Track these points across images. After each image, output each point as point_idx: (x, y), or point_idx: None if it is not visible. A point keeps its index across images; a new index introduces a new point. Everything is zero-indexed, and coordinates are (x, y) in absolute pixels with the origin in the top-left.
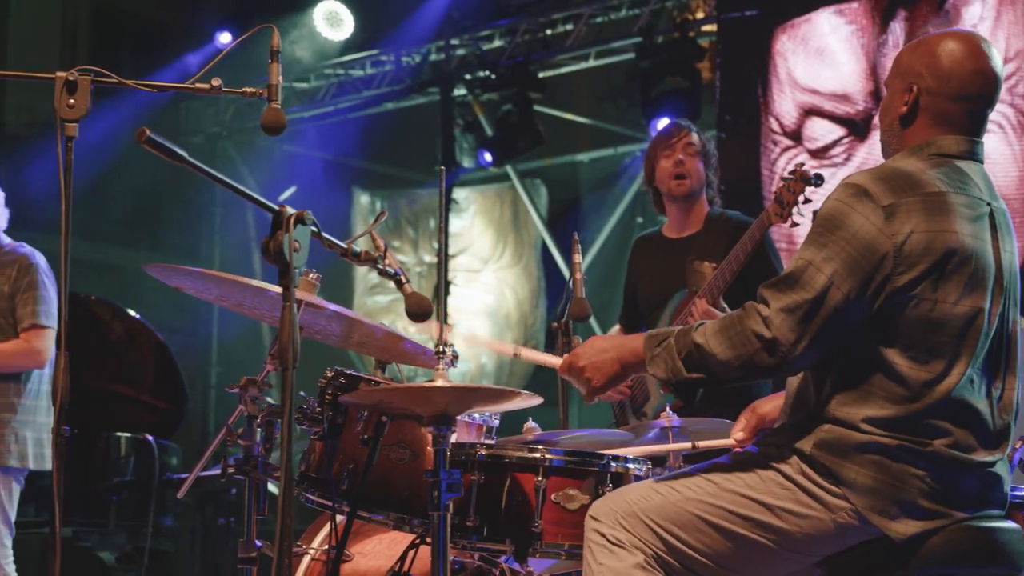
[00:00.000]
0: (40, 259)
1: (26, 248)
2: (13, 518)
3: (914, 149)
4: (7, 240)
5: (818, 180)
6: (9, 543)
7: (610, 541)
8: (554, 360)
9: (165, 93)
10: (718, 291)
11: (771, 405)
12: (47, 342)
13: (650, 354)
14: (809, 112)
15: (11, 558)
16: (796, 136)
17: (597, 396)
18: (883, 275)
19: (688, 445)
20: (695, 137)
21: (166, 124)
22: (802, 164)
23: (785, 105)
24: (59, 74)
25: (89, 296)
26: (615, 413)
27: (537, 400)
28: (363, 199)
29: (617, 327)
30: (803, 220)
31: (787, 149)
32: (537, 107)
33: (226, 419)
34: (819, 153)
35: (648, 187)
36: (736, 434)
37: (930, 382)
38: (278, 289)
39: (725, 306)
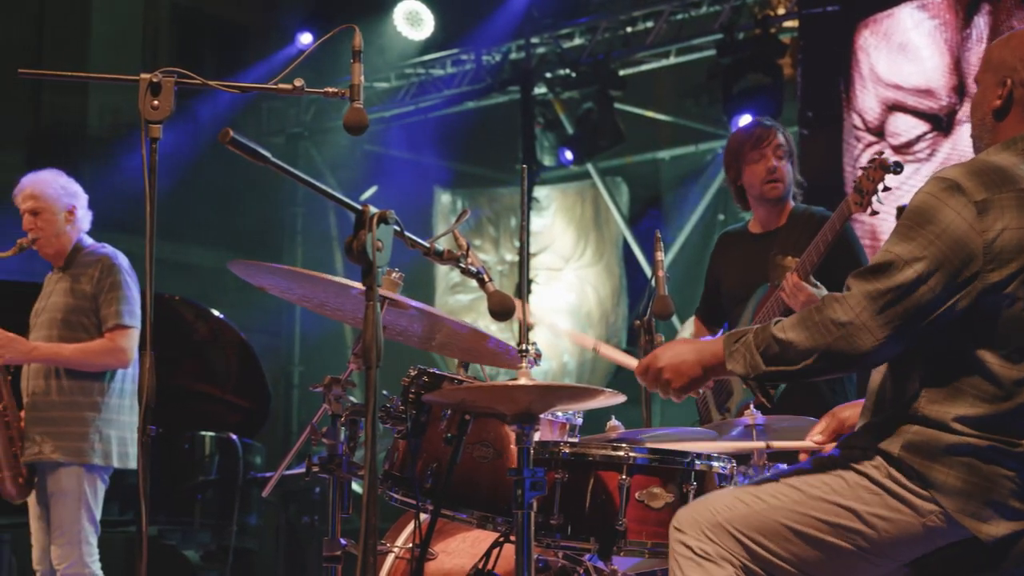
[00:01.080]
0: (122, 259)
1: (108, 249)
2: (98, 516)
3: (1008, 143)
4: (89, 241)
5: (897, 168)
6: (94, 541)
7: (697, 554)
8: (630, 361)
9: (247, 94)
10: (805, 274)
11: (852, 411)
12: (131, 341)
13: (729, 350)
14: (892, 108)
15: (96, 556)
16: (879, 132)
17: (678, 398)
18: (972, 272)
19: (762, 445)
20: (782, 138)
21: (248, 125)
22: (881, 152)
23: (868, 101)
24: (143, 76)
25: (173, 296)
26: (699, 410)
27: (620, 398)
28: (444, 198)
29: (692, 319)
30: (882, 208)
31: (870, 145)
32: (618, 105)
33: (309, 418)
34: (902, 149)
35: (731, 185)
36: (814, 436)
37: (1022, 381)
38: (361, 287)
39: (816, 282)
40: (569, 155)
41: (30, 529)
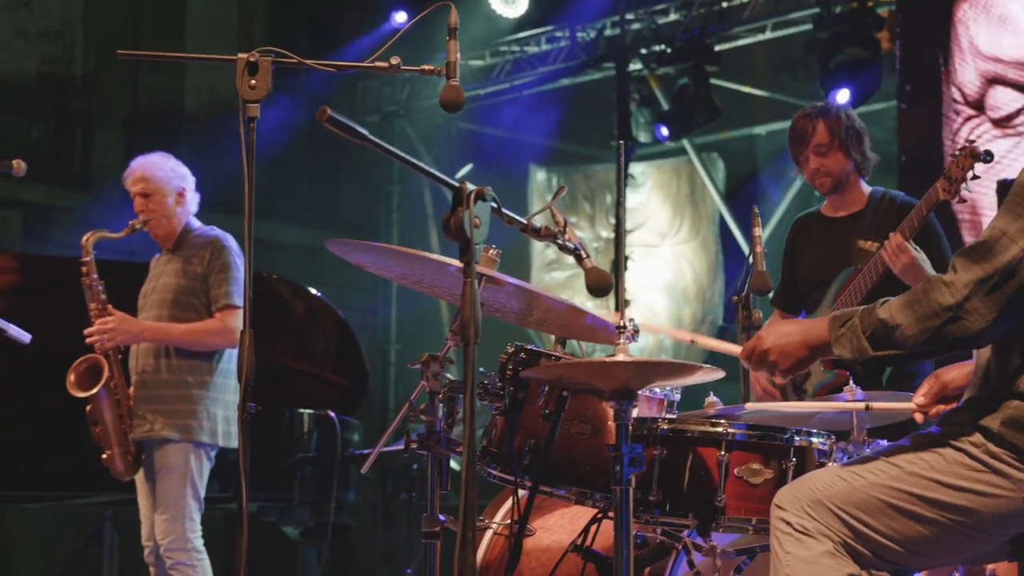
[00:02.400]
0: (231, 241)
1: (217, 231)
2: (203, 494)
3: None
4: (197, 223)
5: (987, 157)
6: (198, 518)
7: (796, 529)
8: (733, 348)
9: (342, 73)
10: (907, 236)
11: (955, 373)
12: (240, 321)
13: (835, 335)
14: (992, 81)
15: (199, 532)
16: (979, 105)
17: (783, 379)
18: None
19: (862, 406)
20: (823, 133)
21: (343, 104)
22: (972, 141)
23: (967, 74)
24: (240, 56)
25: (271, 275)
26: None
27: (718, 374)
28: (539, 175)
29: (774, 313)
30: (971, 196)
31: (969, 119)
32: (714, 80)
33: (405, 396)
34: (1002, 122)
35: (791, 153)
36: (917, 399)
37: None
38: (459, 264)
39: (916, 246)
40: (665, 131)
41: (138, 506)
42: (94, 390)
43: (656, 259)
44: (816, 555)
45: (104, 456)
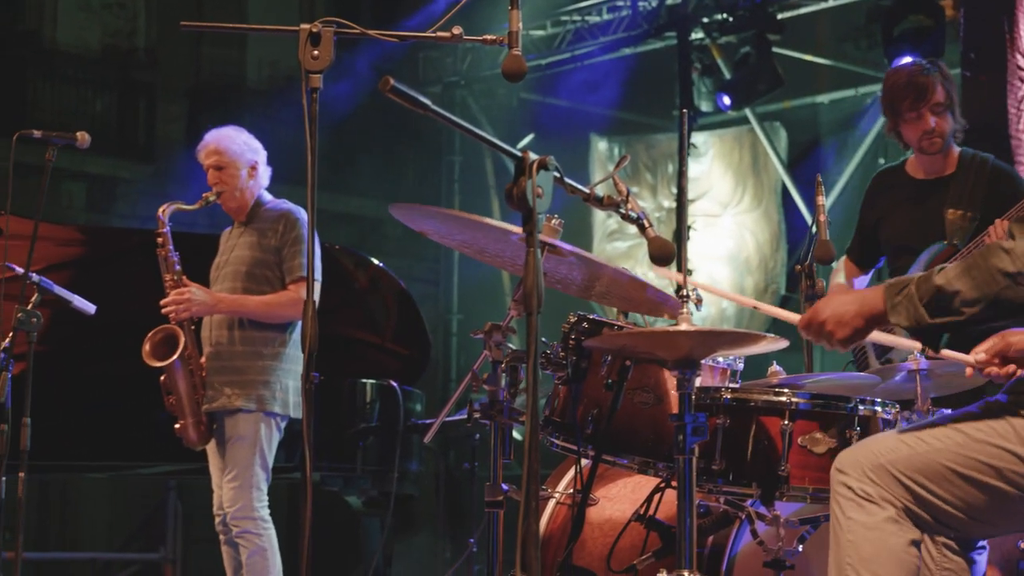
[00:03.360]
0: (303, 214)
1: (289, 204)
2: (271, 464)
3: None
4: (269, 197)
5: None
6: (265, 487)
7: (858, 495)
8: (792, 316)
9: (404, 44)
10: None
11: (1021, 336)
12: (314, 293)
13: (891, 303)
14: None
15: (266, 502)
16: None
17: (843, 349)
18: None
19: (918, 345)
20: (940, 91)
21: (404, 75)
22: None
23: None
24: (303, 26)
25: (333, 245)
26: (855, 359)
27: (782, 343)
28: (601, 145)
29: (843, 260)
30: None
31: None
32: (776, 49)
33: (467, 366)
34: None
35: (890, 129)
36: (977, 355)
37: None
38: (521, 231)
39: None
40: (727, 100)
41: (208, 475)
42: (170, 360)
43: (718, 229)
44: (878, 521)
45: (177, 426)
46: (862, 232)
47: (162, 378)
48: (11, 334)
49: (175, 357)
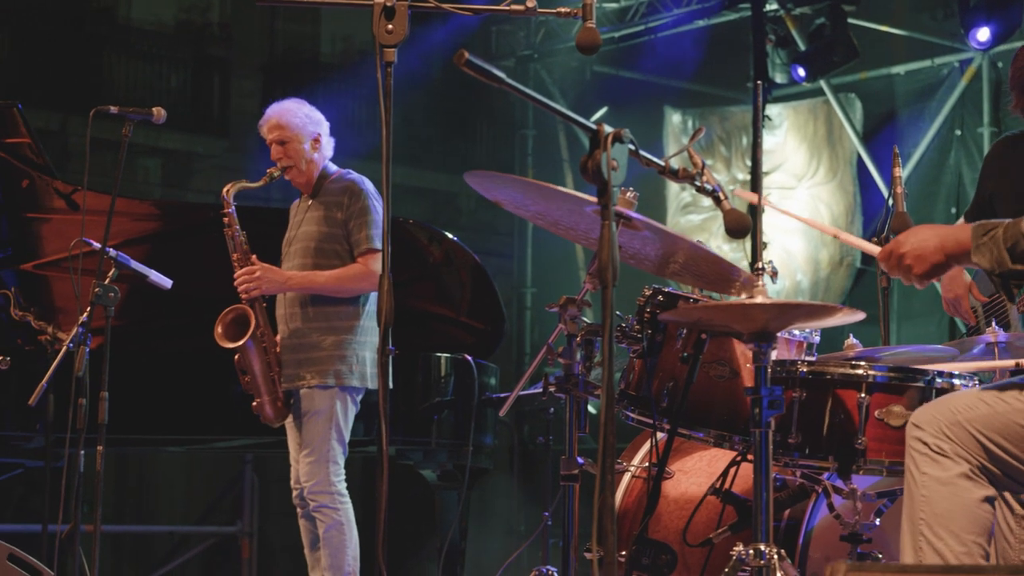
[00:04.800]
0: (368, 184)
1: (354, 174)
2: (347, 438)
3: None
4: (334, 168)
5: None
6: (342, 461)
7: (933, 450)
8: (872, 248)
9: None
10: None
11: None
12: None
13: (976, 242)
14: None
15: (343, 475)
16: None
17: (920, 284)
18: None
19: (1011, 363)
20: None
21: (477, 49)
22: None
23: None
24: (377, 0)
25: (407, 220)
26: (967, 331)
27: (859, 315)
28: (674, 118)
29: (960, 222)
30: None
31: None
32: (852, 20)
33: (541, 340)
34: None
35: (1016, 109)
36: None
37: None
38: (596, 203)
39: None
40: (801, 72)
41: (286, 450)
42: (242, 341)
43: (793, 201)
44: (952, 476)
45: (254, 404)
46: (979, 200)
47: (236, 358)
48: (89, 308)
49: (246, 338)
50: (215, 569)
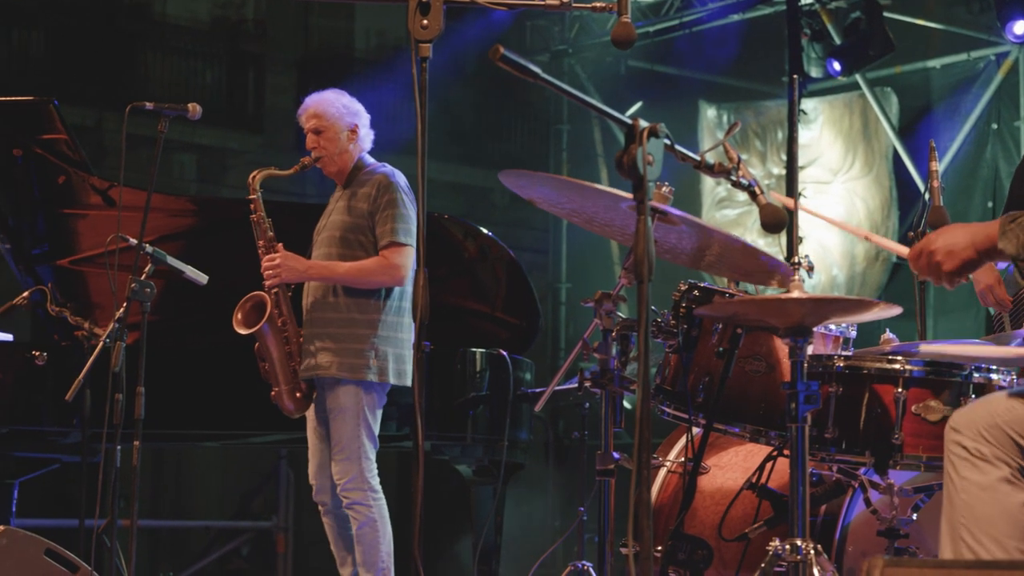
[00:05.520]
0: (400, 178)
1: (387, 168)
2: (376, 432)
3: None
4: (370, 160)
5: None
6: (373, 456)
7: (972, 454)
8: (902, 248)
9: (511, 12)
10: None
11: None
12: (405, 259)
13: (1003, 228)
14: None
15: (375, 471)
16: None
17: (951, 283)
18: None
19: None
20: None
21: (512, 44)
22: None
23: None
24: None
25: (442, 215)
26: (993, 327)
27: (895, 310)
28: (709, 112)
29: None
30: None
31: None
32: (887, 13)
33: (576, 335)
34: None
35: None
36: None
37: None
38: (631, 197)
39: None
40: (837, 66)
41: (308, 444)
42: (257, 327)
43: (828, 196)
44: (992, 480)
45: (272, 393)
46: (1013, 200)
47: (256, 345)
48: (125, 304)
49: (261, 323)
50: (251, 563)
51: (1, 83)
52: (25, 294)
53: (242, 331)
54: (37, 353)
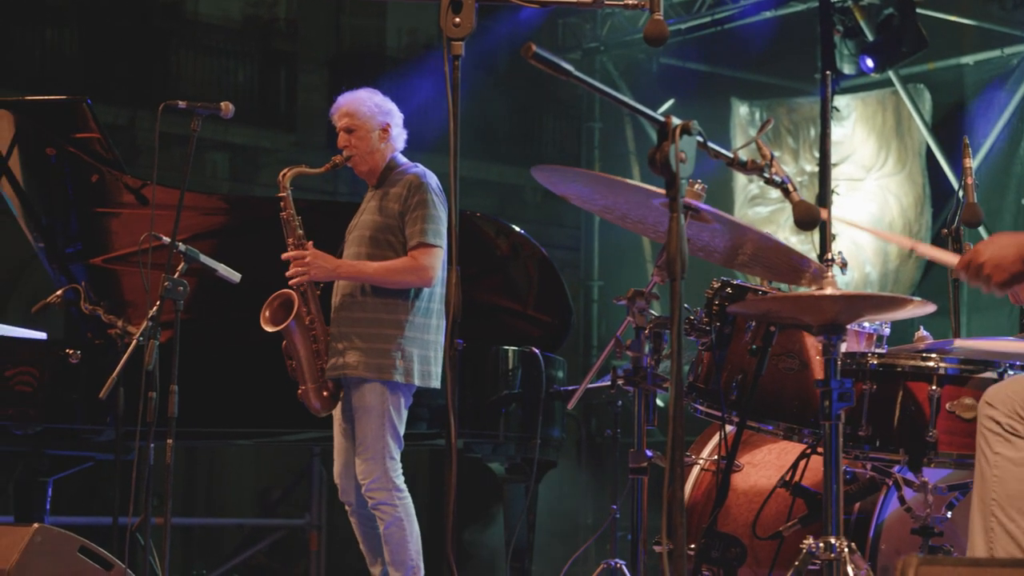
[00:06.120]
0: (431, 179)
1: (419, 168)
2: (402, 432)
3: None
4: (403, 160)
5: None
6: (398, 456)
7: (1006, 430)
8: (950, 258)
9: (543, 9)
10: None
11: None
12: (434, 260)
13: None
14: None
15: (400, 470)
16: None
17: (1000, 293)
18: None
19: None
20: None
21: (544, 42)
22: None
23: None
24: None
25: (474, 213)
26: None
27: (930, 308)
28: (742, 109)
29: None
30: None
31: None
32: (920, 9)
33: (609, 333)
34: None
35: None
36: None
37: None
38: (664, 194)
39: None
40: (870, 62)
41: (334, 444)
42: (284, 324)
43: (861, 193)
44: None
45: (299, 391)
46: None
47: (284, 344)
48: (158, 303)
49: (289, 320)
50: (283, 561)
51: (34, 82)
52: (59, 292)
53: (269, 328)
54: (71, 351)
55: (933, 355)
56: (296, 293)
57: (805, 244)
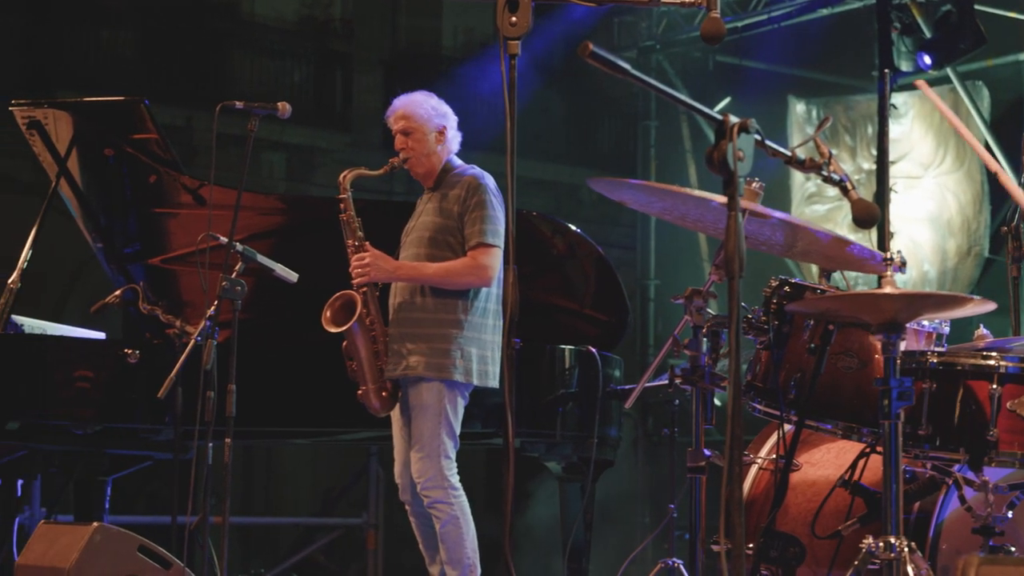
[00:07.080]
0: (489, 180)
1: (476, 169)
2: (458, 431)
3: None
4: (458, 162)
5: None
6: (454, 455)
7: None
8: None
9: (599, 8)
10: None
11: None
12: (493, 260)
13: None
14: None
15: (455, 469)
16: None
17: None
18: None
19: None
20: None
21: (600, 40)
22: None
23: None
24: None
25: (531, 212)
26: None
27: (990, 306)
28: (798, 107)
29: None
30: None
31: None
32: (978, 6)
33: (666, 332)
34: None
35: None
36: None
37: None
38: (722, 199)
39: None
40: (928, 59)
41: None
42: (347, 326)
43: (919, 190)
44: None
45: (359, 392)
46: None
47: (343, 344)
48: (216, 302)
49: (352, 322)
50: (341, 561)
51: (92, 83)
52: (117, 292)
53: (332, 329)
54: (129, 351)
55: (993, 353)
56: (357, 294)
57: (863, 243)
